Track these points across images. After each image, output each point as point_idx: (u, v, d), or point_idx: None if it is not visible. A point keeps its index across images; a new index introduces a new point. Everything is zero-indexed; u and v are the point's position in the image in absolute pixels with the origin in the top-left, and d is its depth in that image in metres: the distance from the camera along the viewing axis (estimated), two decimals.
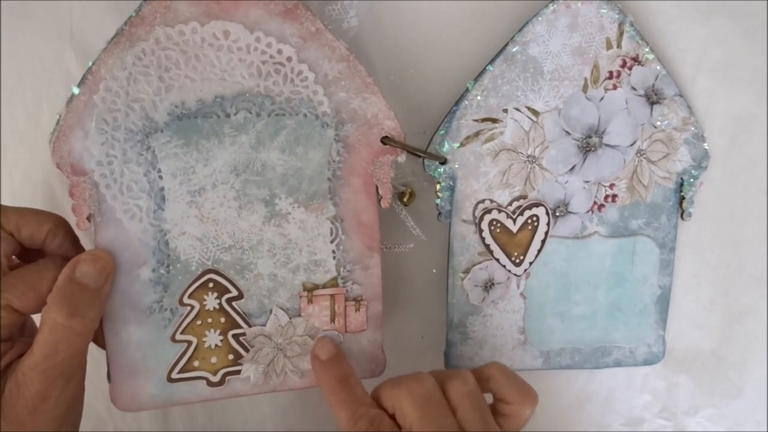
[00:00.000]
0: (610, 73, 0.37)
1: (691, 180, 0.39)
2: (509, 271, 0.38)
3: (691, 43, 0.38)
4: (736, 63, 0.39)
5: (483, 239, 0.37)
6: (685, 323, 0.42)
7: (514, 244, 0.38)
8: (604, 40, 0.36)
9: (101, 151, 0.32)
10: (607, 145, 0.37)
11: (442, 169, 0.37)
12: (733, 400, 0.44)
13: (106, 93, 0.31)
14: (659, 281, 0.40)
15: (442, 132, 0.36)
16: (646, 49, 0.37)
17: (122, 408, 0.33)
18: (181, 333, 0.34)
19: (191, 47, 0.32)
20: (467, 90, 0.36)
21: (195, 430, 0.41)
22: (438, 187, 0.37)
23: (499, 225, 0.37)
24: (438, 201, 0.37)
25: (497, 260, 0.38)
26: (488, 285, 0.38)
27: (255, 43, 0.33)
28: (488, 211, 0.37)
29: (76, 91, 0.31)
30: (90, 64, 0.31)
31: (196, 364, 0.34)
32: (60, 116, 0.31)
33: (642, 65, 0.37)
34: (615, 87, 0.37)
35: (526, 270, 0.38)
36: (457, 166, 0.37)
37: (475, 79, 0.36)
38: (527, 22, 0.36)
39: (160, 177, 0.33)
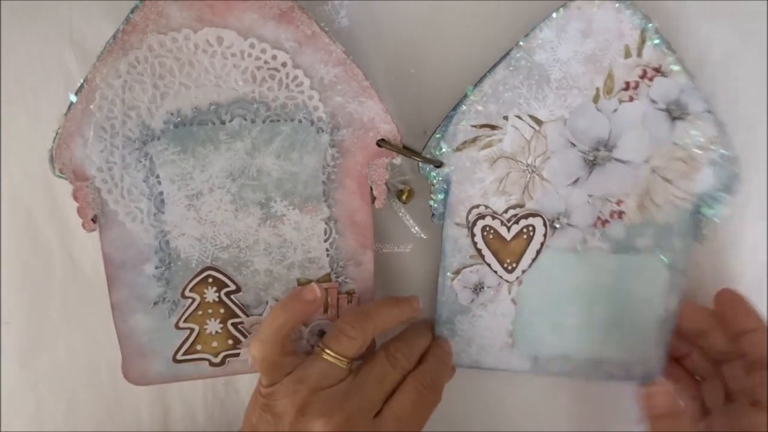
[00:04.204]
0: (627, 83, 0.34)
1: (715, 203, 0.35)
2: (500, 276, 0.38)
3: (691, 43, 0.35)
4: (736, 63, 0.35)
5: (475, 244, 0.37)
6: None
7: (507, 251, 0.37)
8: (622, 48, 0.33)
9: (101, 158, 0.33)
10: (616, 159, 0.35)
11: (435, 173, 0.36)
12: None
13: (102, 101, 0.32)
14: (665, 303, 0.37)
15: (438, 135, 0.36)
16: (671, 59, 0.33)
17: (134, 382, 0.37)
18: (184, 321, 0.36)
19: (185, 54, 0.32)
20: (466, 95, 0.35)
21: (195, 430, 0.42)
22: (432, 189, 0.37)
23: (492, 231, 0.37)
24: (431, 203, 0.37)
25: (488, 265, 0.38)
26: (478, 288, 0.38)
27: (249, 49, 0.32)
28: (482, 216, 0.37)
29: (73, 99, 0.32)
30: (88, 73, 0.32)
31: (198, 347, 0.37)
32: (59, 127, 0.32)
33: (665, 76, 0.33)
34: (631, 99, 0.34)
35: (518, 277, 0.38)
36: (452, 169, 0.36)
37: (475, 85, 0.34)
38: (534, 27, 0.33)
39: (159, 182, 0.34)
